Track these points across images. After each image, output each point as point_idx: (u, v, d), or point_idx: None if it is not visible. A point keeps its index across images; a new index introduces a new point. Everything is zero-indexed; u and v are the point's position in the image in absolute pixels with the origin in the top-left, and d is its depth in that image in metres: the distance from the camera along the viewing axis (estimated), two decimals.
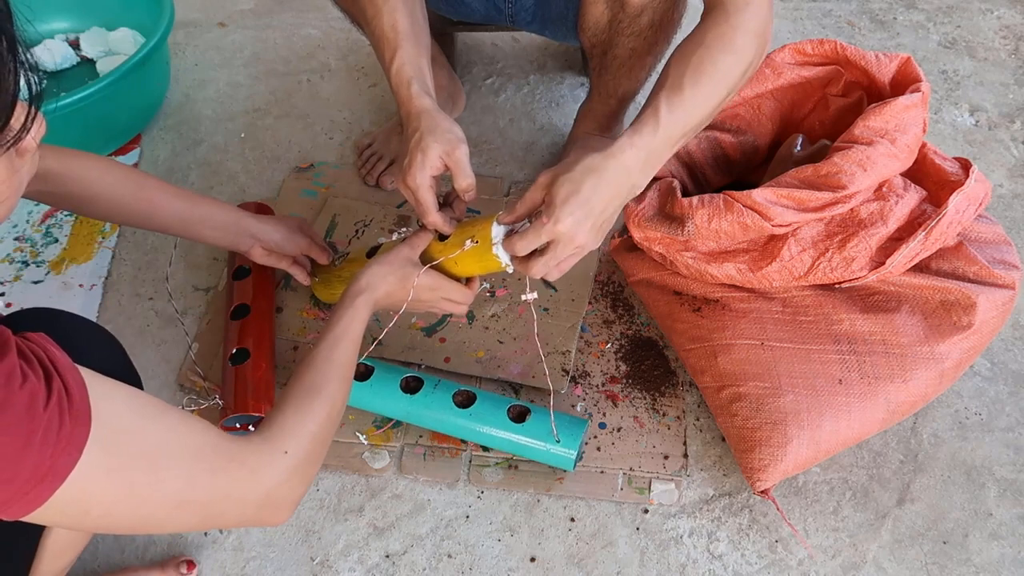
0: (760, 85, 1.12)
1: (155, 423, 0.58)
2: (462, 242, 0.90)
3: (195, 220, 1.01)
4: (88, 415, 0.52)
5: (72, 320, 0.78)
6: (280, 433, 0.68)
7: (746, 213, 0.96)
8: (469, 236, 0.89)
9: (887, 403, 0.97)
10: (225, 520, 0.65)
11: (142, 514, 0.57)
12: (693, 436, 1.07)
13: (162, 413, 0.59)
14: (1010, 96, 1.55)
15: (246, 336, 1.08)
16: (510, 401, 1.02)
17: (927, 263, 1.01)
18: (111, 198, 0.95)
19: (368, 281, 0.87)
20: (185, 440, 0.59)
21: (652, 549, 0.98)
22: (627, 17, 1.06)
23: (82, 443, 0.51)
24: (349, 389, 0.80)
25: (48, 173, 0.88)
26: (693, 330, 1.07)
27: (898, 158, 0.96)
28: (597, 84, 1.22)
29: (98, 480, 0.53)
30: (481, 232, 0.88)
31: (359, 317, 0.84)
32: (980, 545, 0.97)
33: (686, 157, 1.14)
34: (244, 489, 0.63)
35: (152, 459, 0.56)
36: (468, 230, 0.90)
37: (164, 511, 0.58)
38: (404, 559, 0.97)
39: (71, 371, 0.53)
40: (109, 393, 0.56)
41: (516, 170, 1.42)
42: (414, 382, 1.04)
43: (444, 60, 1.40)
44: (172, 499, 0.58)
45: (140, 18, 1.53)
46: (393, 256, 0.90)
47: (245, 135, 1.50)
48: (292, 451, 0.67)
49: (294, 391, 0.74)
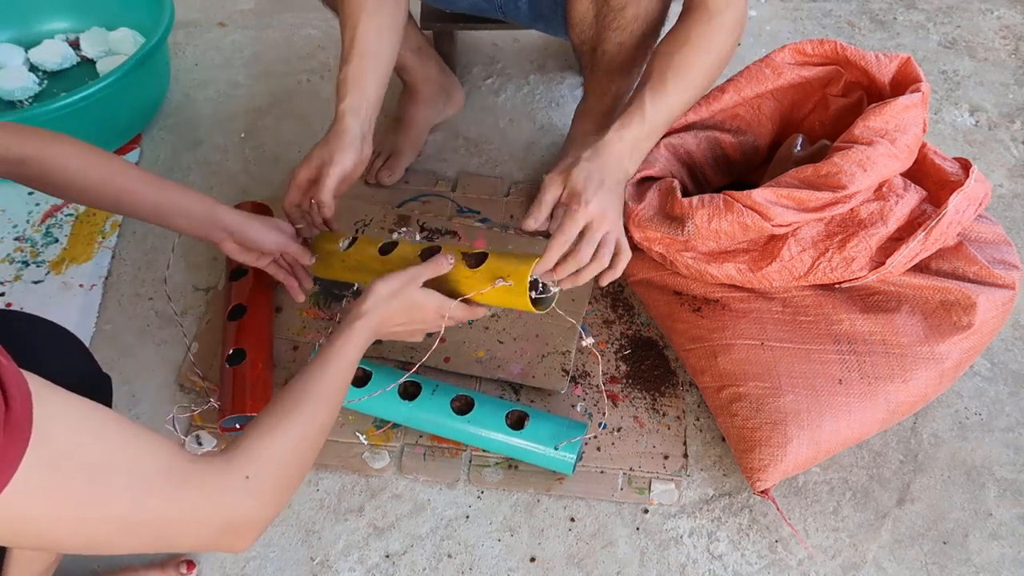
0: (760, 85, 1.12)
1: (106, 439, 0.54)
2: (491, 277, 0.88)
3: (168, 209, 0.97)
4: (28, 427, 0.48)
5: (32, 322, 0.75)
6: (244, 455, 0.64)
7: (746, 213, 0.96)
8: (502, 274, 0.88)
9: (887, 403, 0.97)
10: (181, 544, 0.60)
11: (86, 534, 0.53)
12: (693, 436, 1.07)
13: (116, 429, 0.55)
14: (1010, 96, 1.55)
15: (243, 337, 1.08)
16: (508, 406, 1.02)
17: (927, 263, 1.01)
18: (85, 183, 0.92)
19: (369, 305, 0.84)
20: (138, 459, 0.55)
21: (652, 549, 0.98)
22: (611, 11, 1.07)
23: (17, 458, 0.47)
24: (334, 414, 0.75)
25: (25, 156, 0.87)
26: (693, 330, 1.07)
27: (898, 158, 0.96)
28: (591, 83, 1.22)
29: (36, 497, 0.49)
30: (517, 274, 0.87)
31: (354, 341, 0.80)
32: (980, 545, 0.97)
33: (686, 157, 1.14)
34: (201, 513, 0.59)
35: (98, 477, 0.52)
36: (502, 266, 0.89)
37: (110, 532, 0.54)
38: (404, 559, 0.97)
39: (15, 379, 0.49)
40: (58, 405, 0.52)
41: (516, 170, 1.42)
42: (412, 387, 1.04)
43: (433, 52, 1.40)
44: (119, 520, 0.54)
45: (140, 18, 1.53)
46: (399, 280, 0.86)
47: (245, 135, 1.50)
48: (255, 475, 0.62)
49: (268, 412, 0.70)
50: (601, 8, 1.08)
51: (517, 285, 0.87)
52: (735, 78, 1.13)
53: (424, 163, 1.42)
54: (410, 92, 1.41)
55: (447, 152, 1.45)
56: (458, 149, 1.46)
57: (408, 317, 0.87)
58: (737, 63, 1.55)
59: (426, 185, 1.38)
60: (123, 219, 1.34)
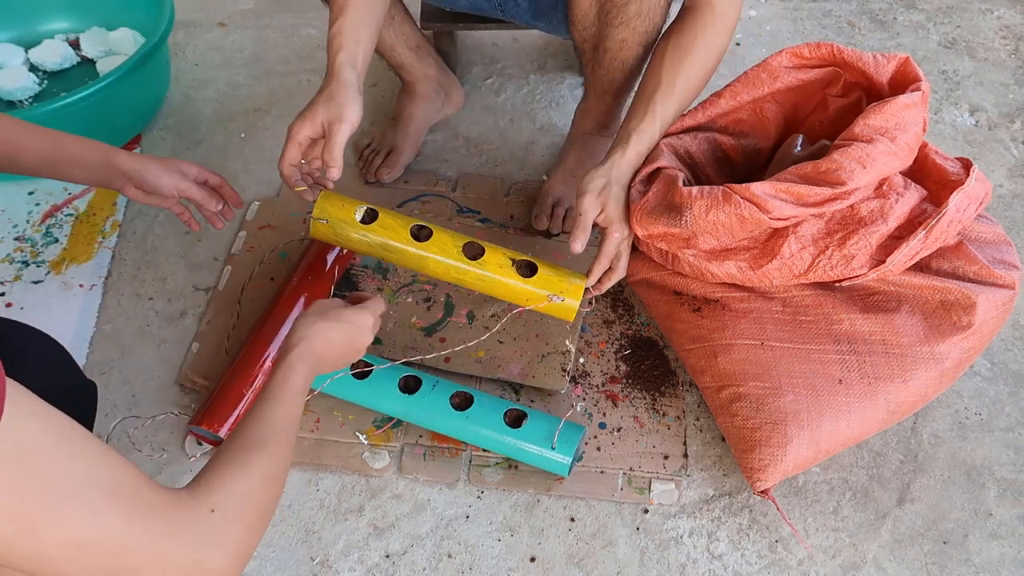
0: (756, 90, 1.11)
1: (74, 450, 0.52)
2: (544, 289, 0.99)
3: (62, 160, 0.95)
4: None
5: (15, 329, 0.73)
6: (207, 489, 0.61)
7: (744, 205, 0.96)
8: (556, 290, 0.99)
9: (887, 403, 0.97)
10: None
11: (35, 550, 0.50)
12: (693, 436, 1.07)
13: (82, 443, 0.53)
14: (1010, 96, 1.55)
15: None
16: (507, 405, 1.02)
17: (927, 262, 1.01)
18: None
19: (302, 334, 0.79)
20: (101, 475, 0.53)
21: (652, 549, 0.98)
22: (614, 7, 1.06)
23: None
24: (290, 452, 0.72)
25: None
26: (693, 330, 1.07)
27: (898, 156, 0.96)
28: (591, 82, 1.22)
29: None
30: (572, 291, 0.99)
31: (295, 372, 0.76)
32: (980, 545, 0.97)
33: (687, 158, 1.14)
34: (164, 544, 0.56)
35: (55, 487, 0.50)
36: (554, 280, 0.99)
37: (62, 550, 0.51)
38: (404, 559, 0.97)
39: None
40: (26, 408, 0.50)
41: (516, 170, 1.42)
42: (413, 381, 1.04)
43: (431, 50, 1.40)
44: (73, 537, 0.51)
45: (140, 18, 1.53)
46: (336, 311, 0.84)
47: (245, 135, 1.50)
48: (220, 509, 0.60)
49: (227, 448, 0.67)
50: (604, 4, 1.08)
51: (571, 302, 0.99)
52: (732, 84, 1.12)
53: (424, 163, 1.42)
54: (408, 90, 1.41)
55: (447, 152, 1.45)
56: (458, 149, 1.46)
57: (345, 336, 0.83)
58: (737, 63, 1.56)
59: (426, 185, 1.38)
60: (123, 219, 1.34)
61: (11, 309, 1.21)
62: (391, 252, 1.01)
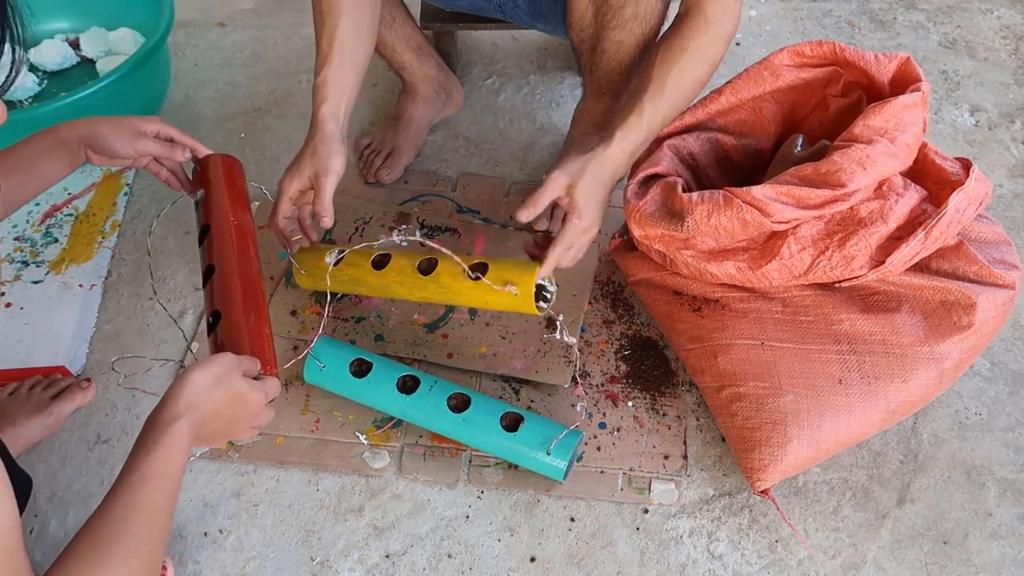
0: (758, 87, 1.11)
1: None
2: (495, 285, 0.96)
3: (28, 168, 0.89)
4: None
5: None
6: None
7: (745, 209, 0.96)
8: (507, 280, 0.96)
9: (887, 403, 0.97)
10: None
11: None
12: (693, 436, 1.07)
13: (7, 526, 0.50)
14: (1010, 96, 1.55)
15: (216, 298, 0.92)
16: (504, 407, 1.01)
17: (927, 263, 1.01)
18: None
19: (188, 400, 0.69)
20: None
21: (652, 549, 0.98)
22: (610, 9, 1.08)
23: None
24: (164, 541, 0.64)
25: None
26: (693, 330, 1.07)
27: (898, 157, 0.96)
28: (589, 82, 1.22)
29: None
30: (523, 283, 0.96)
31: (178, 446, 0.67)
32: (980, 545, 0.97)
33: (689, 159, 1.14)
34: None
35: None
36: (503, 275, 0.97)
37: None
38: (404, 559, 0.97)
39: None
40: None
41: (516, 170, 1.42)
42: (411, 381, 1.04)
43: (432, 51, 1.40)
44: None
45: (140, 18, 1.53)
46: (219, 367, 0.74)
47: (245, 135, 1.50)
48: None
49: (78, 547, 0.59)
50: (600, 7, 1.08)
51: (523, 293, 0.96)
52: (733, 80, 1.12)
53: (424, 163, 1.42)
54: (409, 91, 1.41)
55: (447, 152, 1.45)
56: (458, 149, 1.46)
57: (233, 412, 0.75)
58: (737, 63, 1.56)
59: (426, 185, 1.38)
60: (123, 219, 1.34)
61: (11, 309, 1.21)
62: (361, 285, 1.07)
